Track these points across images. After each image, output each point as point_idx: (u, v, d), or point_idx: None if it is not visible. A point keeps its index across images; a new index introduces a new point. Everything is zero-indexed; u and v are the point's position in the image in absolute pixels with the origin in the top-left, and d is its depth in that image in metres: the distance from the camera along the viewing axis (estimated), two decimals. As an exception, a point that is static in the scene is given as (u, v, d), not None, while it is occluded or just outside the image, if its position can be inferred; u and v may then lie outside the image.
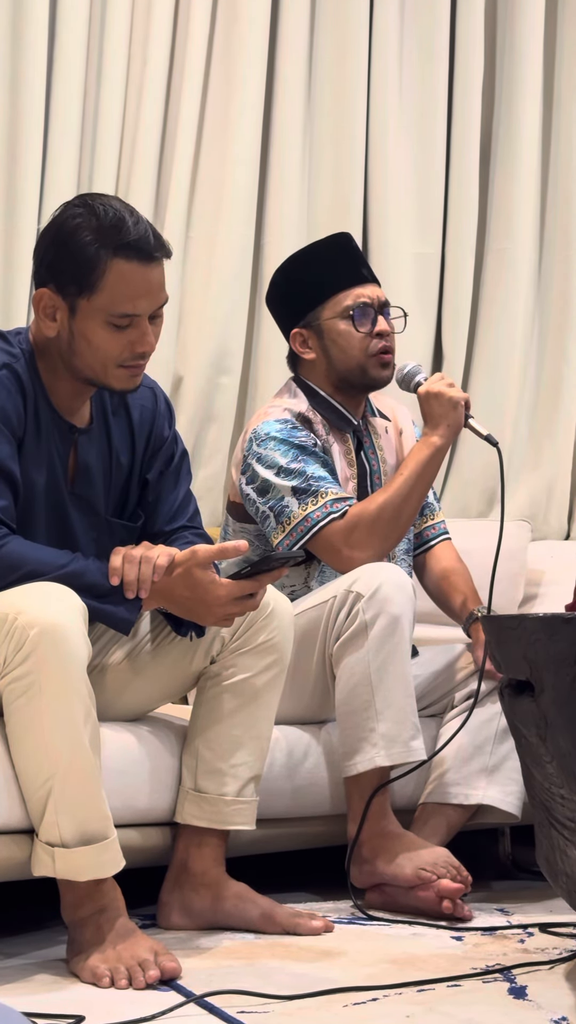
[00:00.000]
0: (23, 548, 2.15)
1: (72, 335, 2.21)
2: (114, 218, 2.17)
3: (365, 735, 2.55)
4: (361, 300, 2.80)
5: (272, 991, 1.98)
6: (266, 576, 2.24)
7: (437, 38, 3.85)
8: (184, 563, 2.20)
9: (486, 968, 2.15)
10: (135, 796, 2.36)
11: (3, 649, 2.08)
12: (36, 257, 2.25)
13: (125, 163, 3.54)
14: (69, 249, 2.17)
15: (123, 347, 2.20)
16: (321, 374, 2.85)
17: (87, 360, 2.22)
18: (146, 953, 2.07)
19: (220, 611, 2.23)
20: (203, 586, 2.21)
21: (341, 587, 2.61)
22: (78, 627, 2.09)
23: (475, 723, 2.72)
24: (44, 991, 2.02)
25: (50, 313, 2.21)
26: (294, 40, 3.70)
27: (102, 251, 2.15)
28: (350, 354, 2.81)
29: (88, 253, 2.16)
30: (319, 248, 2.91)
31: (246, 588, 2.23)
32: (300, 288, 2.84)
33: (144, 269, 2.17)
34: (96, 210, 2.18)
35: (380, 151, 3.80)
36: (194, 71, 3.58)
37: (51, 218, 2.23)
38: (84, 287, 2.17)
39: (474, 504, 3.88)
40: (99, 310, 2.18)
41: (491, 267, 3.93)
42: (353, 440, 2.87)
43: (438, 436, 2.75)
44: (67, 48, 3.45)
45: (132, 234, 2.16)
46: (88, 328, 2.19)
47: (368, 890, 2.58)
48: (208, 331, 3.61)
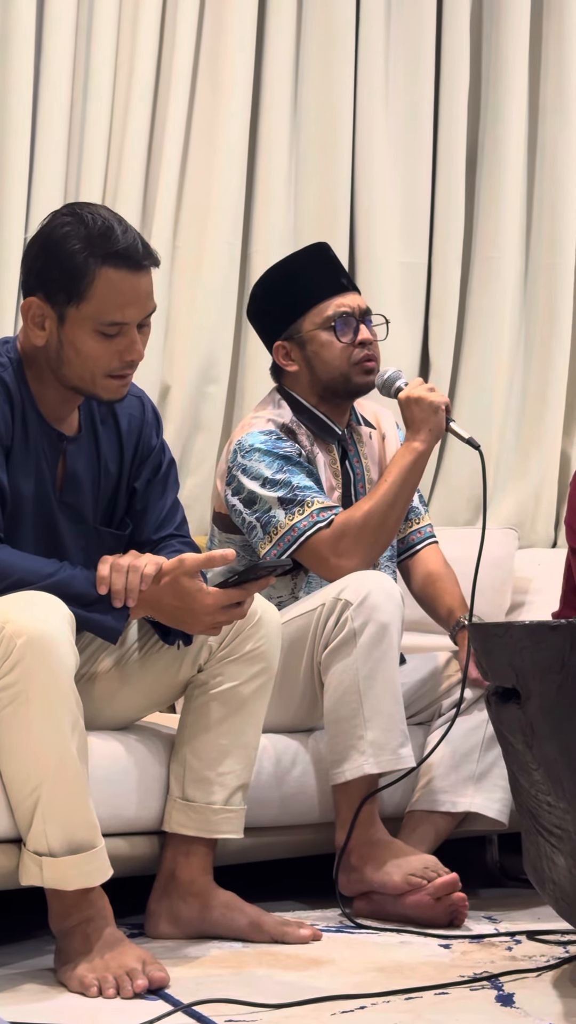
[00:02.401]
0: (11, 557, 2.15)
1: (61, 344, 2.21)
2: (103, 227, 2.17)
3: (353, 743, 2.55)
4: (342, 310, 2.80)
5: (260, 1000, 1.98)
6: (253, 585, 2.24)
7: (423, 48, 3.86)
8: (171, 572, 2.20)
9: (474, 976, 2.15)
10: (123, 805, 2.36)
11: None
12: (24, 266, 2.25)
13: (112, 173, 3.54)
14: (58, 258, 2.17)
15: (112, 356, 2.20)
16: (305, 385, 2.86)
17: (76, 369, 2.22)
18: (134, 962, 2.07)
19: (208, 620, 2.23)
20: (190, 595, 2.21)
21: (329, 595, 2.61)
22: (66, 636, 2.09)
23: (462, 731, 2.72)
24: (32, 1000, 2.02)
25: (39, 322, 2.21)
26: (280, 51, 3.71)
27: (91, 260, 2.16)
28: (333, 364, 2.81)
29: (77, 261, 2.16)
30: (297, 260, 2.92)
31: (233, 597, 2.23)
32: (280, 301, 2.85)
33: (133, 278, 2.18)
34: (85, 219, 2.18)
35: (366, 161, 3.81)
36: (181, 81, 3.58)
37: (39, 227, 2.24)
38: (73, 296, 2.17)
39: (461, 512, 3.89)
40: (88, 319, 2.18)
41: (478, 276, 3.94)
42: (338, 449, 2.87)
43: (420, 441, 2.75)
44: (53, 58, 3.45)
45: (121, 243, 2.16)
46: (77, 337, 2.19)
47: (356, 898, 2.58)
48: (195, 340, 3.61)
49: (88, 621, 2.19)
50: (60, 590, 2.14)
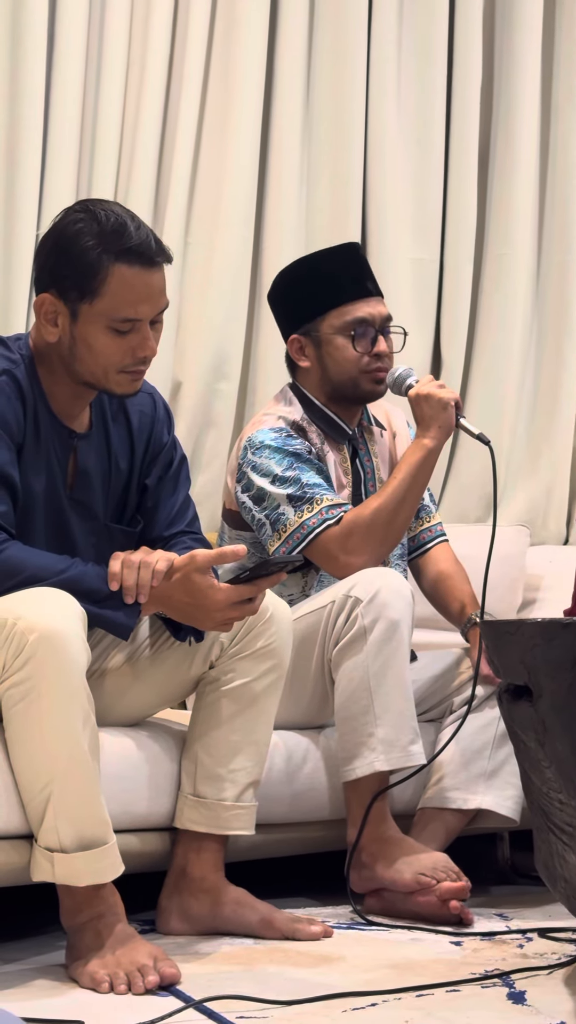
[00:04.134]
0: (22, 554, 2.16)
1: (74, 340, 2.21)
2: (116, 223, 2.17)
3: (364, 740, 2.55)
4: (362, 318, 2.79)
5: (271, 996, 1.98)
6: (264, 580, 2.24)
7: (435, 43, 3.86)
8: (183, 568, 2.20)
9: (485, 973, 2.15)
10: (134, 801, 2.36)
11: (2, 654, 2.08)
12: (37, 262, 2.25)
13: (124, 169, 3.54)
14: (71, 254, 2.18)
15: (125, 352, 2.21)
16: (315, 382, 2.85)
17: (88, 365, 2.22)
18: (145, 958, 2.07)
19: (219, 616, 2.23)
20: (202, 591, 2.21)
21: (340, 592, 2.61)
22: (77, 632, 2.09)
23: (473, 728, 2.72)
24: (43, 996, 2.02)
25: (51, 318, 2.22)
26: (292, 46, 3.71)
27: (104, 256, 2.16)
28: (344, 368, 2.81)
29: (90, 258, 2.16)
30: (326, 256, 2.90)
31: (244, 593, 2.23)
32: (302, 296, 2.84)
33: (146, 274, 2.18)
34: (98, 215, 2.18)
35: (378, 156, 3.80)
36: (193, 76, 3.58)
37: (52, 224, 2.24)
38: (86, 292, 2.17)
39: (472, 509, 3.88)
40: (101, 315, 2.18)
41: (489, 273, 3.94)
42: (348, 448, 2.87)
43: (430, 438, 2.74)
44: (66, 54, 3.45)
45: (134, 239, 2.17)
46: (90, 333, 2.20)
47: (367, 895, 2.58)
48: (207, 337, 3.61)
49: (99, 617, 2.19)
50: (71, 586, 2.14)
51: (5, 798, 2.14)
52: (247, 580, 2.23)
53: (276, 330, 3.66)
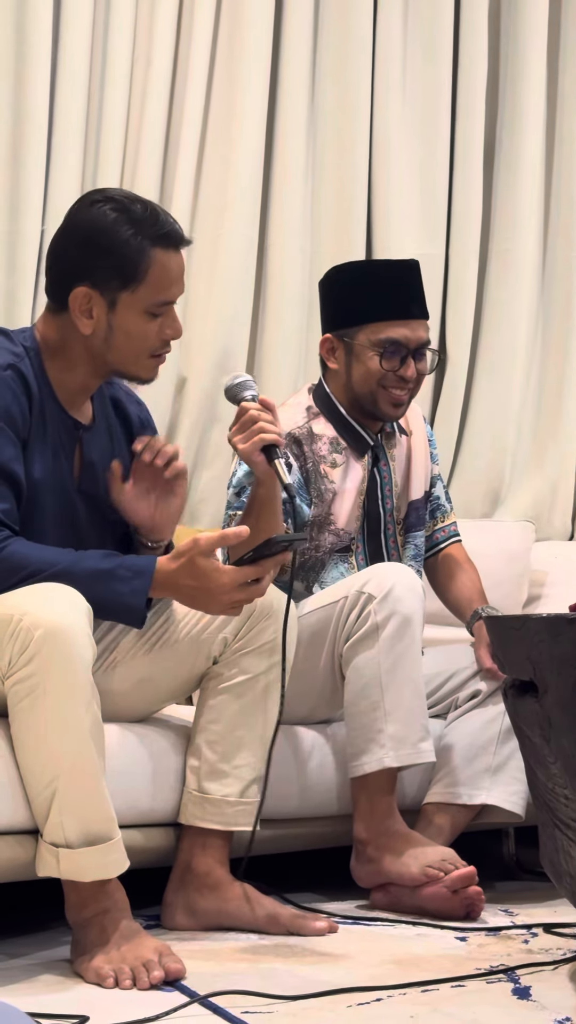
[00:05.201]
0: (25, 549, 2.16)
1: (111, 330, 2.25)
2: (146, 211, 2.24)
3: (373, 736, 2.55)
4: (395, 339, 2.76)
5: (276, 992, 1.98)
6: (269, 560, 2.22)
7: (440, 39, 3.85)
8: (187, 552, 2.20)
9: (490, 969, 2.15)
10: (139, 797, 2.36)
11: (8, 650, 2.08)
12: (61, 257, 2.26)
13: (129, 165, 3.54)
14: (110, 245, 2.22)
15: (156, 335, 2.27)
16: (340, 386, 2.84)
17: (123, 353, 2.27)
18: (150, 954, 2.07)
19: (226, 598, 2.22)
20: (207, 574, 2.20)
21: (352, 588, 2.61)
22: (83, 628, 2.09)
23: (479, 723, 2.72)
24: (48, 992, 2.02)
25: (86, 311, 2.25)
26: (297, 41, 3.70)
27: (145, 243, 2.22)
28: (367, 381, 2.79)
29: (132, 247, 2.22)
30: (380, 268, 2.91)
31: (250, 574, 2.22)
32: (345, 300, 2.81)
33: (178, 256, 2.27)
34: (126, 205, 2.24)
35: (384, 152, 3.80)
36: (198, 72, 3.58)
37: (72, 218, 2.26)
38: (129, 280, 2.22)
39: (478, 504, 3.88)
40: (141, 301, 2.24)
41: (495, 268, 3.93)
42: (370, 456, 2.86)
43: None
44: (71, 51, 3.45)
45: (167, 224, 2.25)
46: (129, 320, 2.25)
47: (373, 890, 2.58)
48: (212, 333, 3.61)
49: (109, 605, 2.18)
50: (73, 570, 2.14)
51: (10, 793, 2.14)
52: (252, 560, 2.22)
53: (281, 326, 3.67)
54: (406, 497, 2.89)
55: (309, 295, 3.65)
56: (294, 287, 3.69)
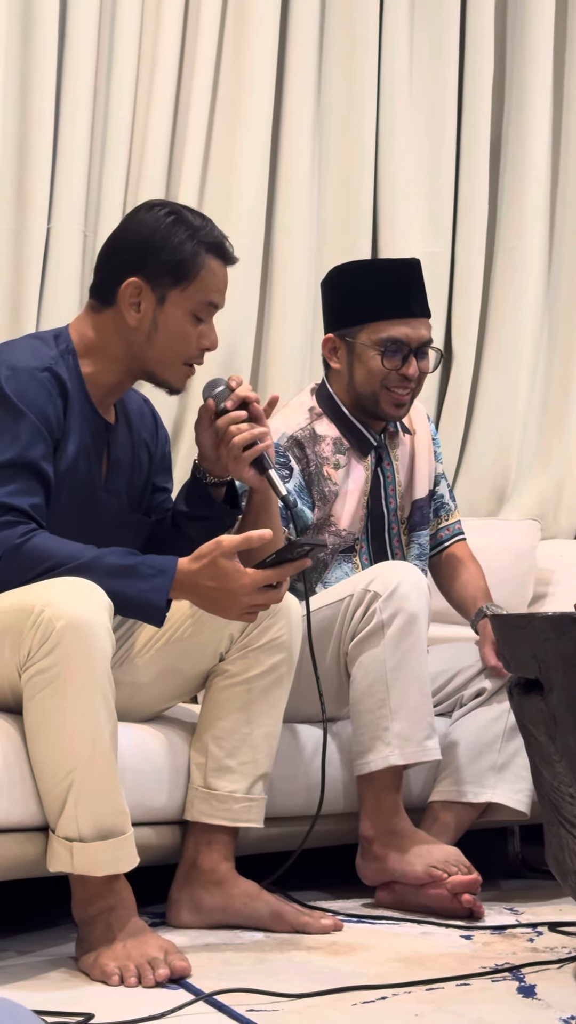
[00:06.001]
0: (48, 542, 2.18)
1: (155, 325, 2.34)
2: (201, 222, 2.38)
3: (379, 734, 2.55)
4: (396, 338, 2.76)
5: (281, 989, 1.99)
6: (290, 566, 2.23)
7: (447, 37, 3.85)
8: (209, 554, 2.21)
9: (495, 967, 2.15)
10: (145, 794, 2.36)
11: (28, 641, 2.09)
12: (114, 254, 2.36)
13: (135, 165, 3.54)
14: (167, 245, 2.34)
15: (194, 341, 2.36)
16: (342, 386, 2.85)
17: (161, 352, 2.35)
18: (155, 951, 2.08)
19: (246, 600, 2.23)
20: (228, 575, 2.21)
21: (358, 586, 2.61)
22: (103, 622, 2.10)
23: (483, 721, 2.72)
24: (54, 989, 2.03)
25: (135, 303, 2.34)
26: (303, 40, 3.70)
27: (199, 247, 2.35)
28: (369, 381, 2.79)
29: (188, 247, 2.34)
30: (381, 267, 2.90)
31: (271, 577, 2.23)
32: (347, 299, 2.81)
33: (225, 268, 2.40)
34: (181, 211, 2.38)
35: (389, 151, 3.80)
36: (204, 70, 3.58)
37: (130, 220, 2.38)
38: (181, 278, 2.33)
39: (483, 503, 3.88)
40: (189, 300, 2.34)
41: (501, 266, 3.93)
42: (374, 456, 2.86)
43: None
44: (77, 51, 3.45)
45: (220, 237, 2.38)
46: (174, 318, 2.34)
47: (378, 888, 2.59)
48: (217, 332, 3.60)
49: (130, 603, 2.19)
50: (95, 565, 2.16)
51: (19, 790, 2.14)
52: (273, 564, 2.23)
53: (287, 326, 3.67)
54: (410, 496, 2.90)
55: (315, 294, 3.64)
56: (300, 286, 3.69)
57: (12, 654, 2.12)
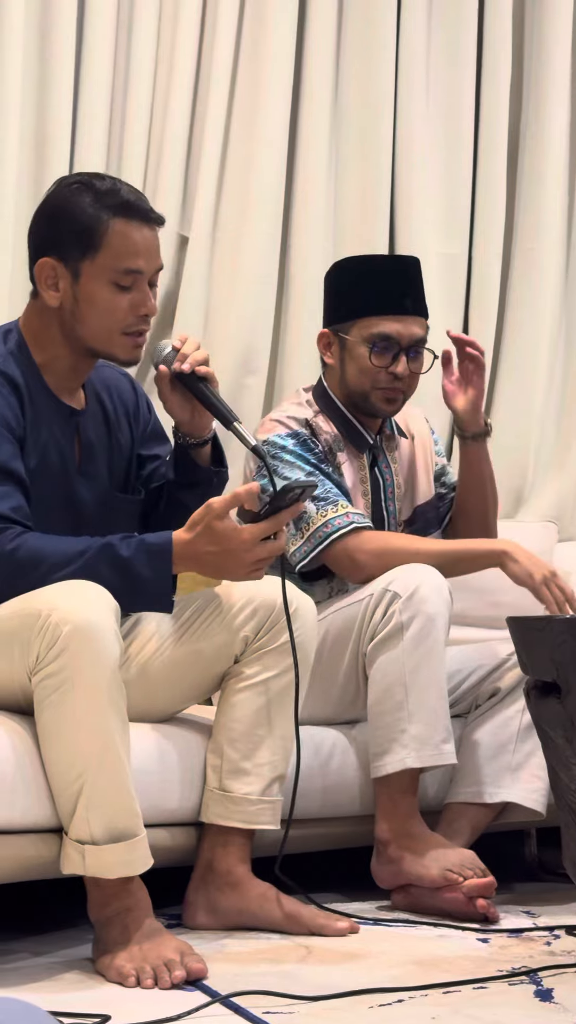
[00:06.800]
0: (39, 542, 2.17)
1: (76, 301, 2.26)
2: (109, 185, 2.27)
3: (396, 736, 2.54)
4: (387, 334, 2.74)
5: (297, 992, 1.98)
6: (285, 512, 2.21)
7: (464, 38, 3.84)
8: (202, 520, 2.20)
9: (512, 970, 2.14)
10: (161, 796, 2.36)
11: (36, 646, 2.09)
12: (34, 235, 2.30)
13: (152, 164, 3.54)
14: (69, 216, 2.25)
15: (127, 310, 2.26)
16: (336, 382, 2.84)
17: (92, 327, 2.27)
18: (172, 953, 2.07)
19: (249, 557, 2.21)
20: (226, 536, 2.20)
21: (378, 585, 2.60)
22: (111, 625, 2.10)
23: (498, 721, 2.72)
24: (70, 990, 2.03)
25: (52, 283, 2.27)
26: (321, 41, 3.70)
27: (103, 212, 2.24)
28: (359, 379, 2.78)
29: (89, 214, 2.24)
30: (378, 263, 2.90)
31: (268, 528, 2.21)
32: (342, 294, 2.80)
33: (143, 228, 2.27)
34: (91, 182, 2.28)
35: (407, 151, 3.79)
36: (221, 72, 3.58)
37: (45, 198, 2.31)
38: (88, 248, 2.24)
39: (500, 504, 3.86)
40: (103, 269, 2.24)
41: (518, 268, 3.92)
42: (368, 456, 2.85)
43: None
44: (95, 50, 3.45)
45: (129, 196, 2.26)
46: (93, 290, 2.25)
47: (394, 891, 2.58)
48: (234, 331, 3.61)
49: (135, 594, 2.18)
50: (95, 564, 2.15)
51: (34, 792, 2.14)
52: (268, 515, 2.21)
53: (304, 324, 3.66)
54: (410, 500, 2.89)
55: (331, 295, 3.64)
56: (316, 287, 3.66)
57: (21, 659, 2.12)
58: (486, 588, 3.03)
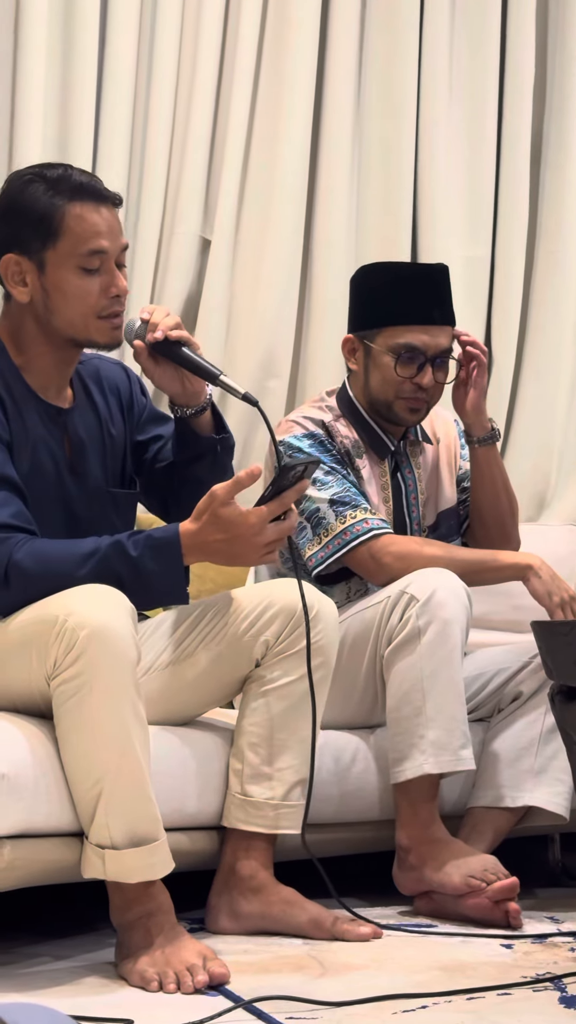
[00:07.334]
0: (47, 548, 2.16)
1: (46, 293, 2.25)
2: (60, 172, 2.25)
3: (415, 741, 2.53)
4: (413, 344, 2.73)
5: (320, 997, 1.98)
6: (290, 491, 2.19)
7: (487, 39, 3.83)
8: (207, 509, 2.18)
9: (536, 976, 2.13)
10: (183, 800, 2.36)
11: (53, 651, 2.08)
12: None
13: (175, 168, 3.54)
14: (24, 208, 2.23)
15: (98, 293, 2.25)
16: (360, 388, 2.83)
17: (66, 315, 2.25)
18: (194, 957, 2.07)
19: (259, 540, 2.19)
20: (233, 522, 2.18)
21: (395, 588, 2.59)
22: (128, 628, 2.09)
23: (520, 725, 2.70)
24: (92, 994, 2.02)
25: (19, 279, 2.25)
26: (344, 42, 3.70)
27: (57, 199, 2.23)
28: (383, 388, 2.76)
29: (44, 203, 2.23)
30: (406, 271, 2.88)
31: (275, 509, 2.19)
32: (370, 301, 2.79)
33: (99, 208, 2.25)
34: (42, 172, 2.26)
35: (429, 153, 3.78)
36: (243, 74, 3.58)
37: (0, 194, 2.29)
38: (47, 237, 2.22)
39: (523, 509, 3.84)
40: (67, 256, 2.23)
41: (541, 270, 3.91)
42: (390, 462, 2.84)
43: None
44: (117, 54, 3.46)
45: (80, 179, 2.24)
46: (61, 278, 2.23)
47: (416, 897, 2.57)
48: (256, 335, 3.60)
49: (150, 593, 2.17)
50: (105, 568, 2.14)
51: (56, 795, 2.14)
52: (273, 496, 2.19)
53: (326, 328, 3.66)
54: (433, 506, 2.87)
55: (354, 297, 3.64)
56: (339, 289, 3.67)
57: (39, 665, 2.11)
58: (509, 592, 3.01)
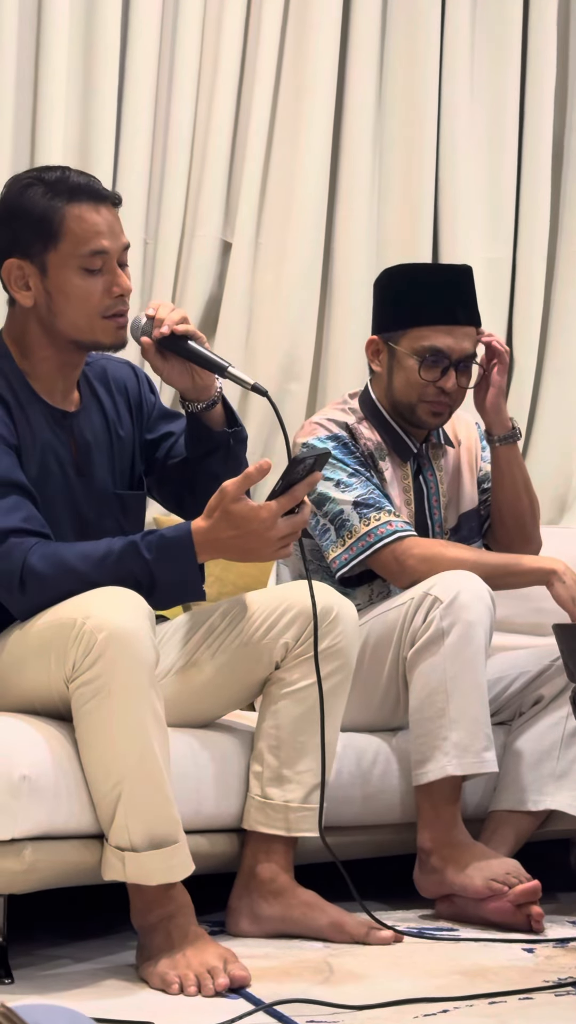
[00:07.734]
0: (61, 551, 2.16)
1: (49, 296, 2.24)
2: (58, 174, 2.25)
3: (438, 743, 2.53)
4: (438, 347, 2.71)
5: (341, 1001, 1.97)
6: (301, 485, 2.17)
7: (508, 40, 3.83)
8: (218, 506, 2.17)
9: (558, 981, 2.12)
10: (203, 802, 2.35)
11: (72, 653, 2.08)
12: None
13: (196, 170, 3.55)
14: (24, 212, 2.23)
15: (101, 294, 2.24)
16: (382, 390, 2.82)
17: (71, 317, 2.24)
18: (215, 960, 2.06)
19: (272, 535, 2.18)
20: (245, 518, 2.17)
21: (419, 590, 2.59)
22: (146, 631, 2.09)
23: (542, 728, 2.69)
24: (113, 997, 2.02)
25: (22, 283, 2.25)
26: (365, 44, 3.70)
27: (55, 201, 2.22)
28: (406, 391, 2.75)
29: (43, 206, 2.22)
30: (430, 272, 2.87)
31: (286, 503, 2.18)
32: (394, 302, 2.78)
33: (98, 208, 2.24)
34: (40, 175, 2.25)
35: (451, 154, 3.78)
36: (265, 75, 3.58)
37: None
38: (48, 240, 2.22)
39: (544, 511, 3.82)
40: (68, 256, 2.22)
41: (563, 271, 3.90)
42: (412, 465, 2.83)
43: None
44: (138, 59, 3.47)
45: (78, 180, 2.24)
46: (63, 280, 2.23)
47: (438, 900, 2.56)
48: (277, 337, 3.60)
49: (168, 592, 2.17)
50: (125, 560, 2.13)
51: (77, 797, 2.14)
52: (283, 490, 2.17)
53: (347, 331, 3.66)
54: (455, 508, 2.87)
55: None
56: (360, 292, 3.67)
57: (58, 668, 2.11)
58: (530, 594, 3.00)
